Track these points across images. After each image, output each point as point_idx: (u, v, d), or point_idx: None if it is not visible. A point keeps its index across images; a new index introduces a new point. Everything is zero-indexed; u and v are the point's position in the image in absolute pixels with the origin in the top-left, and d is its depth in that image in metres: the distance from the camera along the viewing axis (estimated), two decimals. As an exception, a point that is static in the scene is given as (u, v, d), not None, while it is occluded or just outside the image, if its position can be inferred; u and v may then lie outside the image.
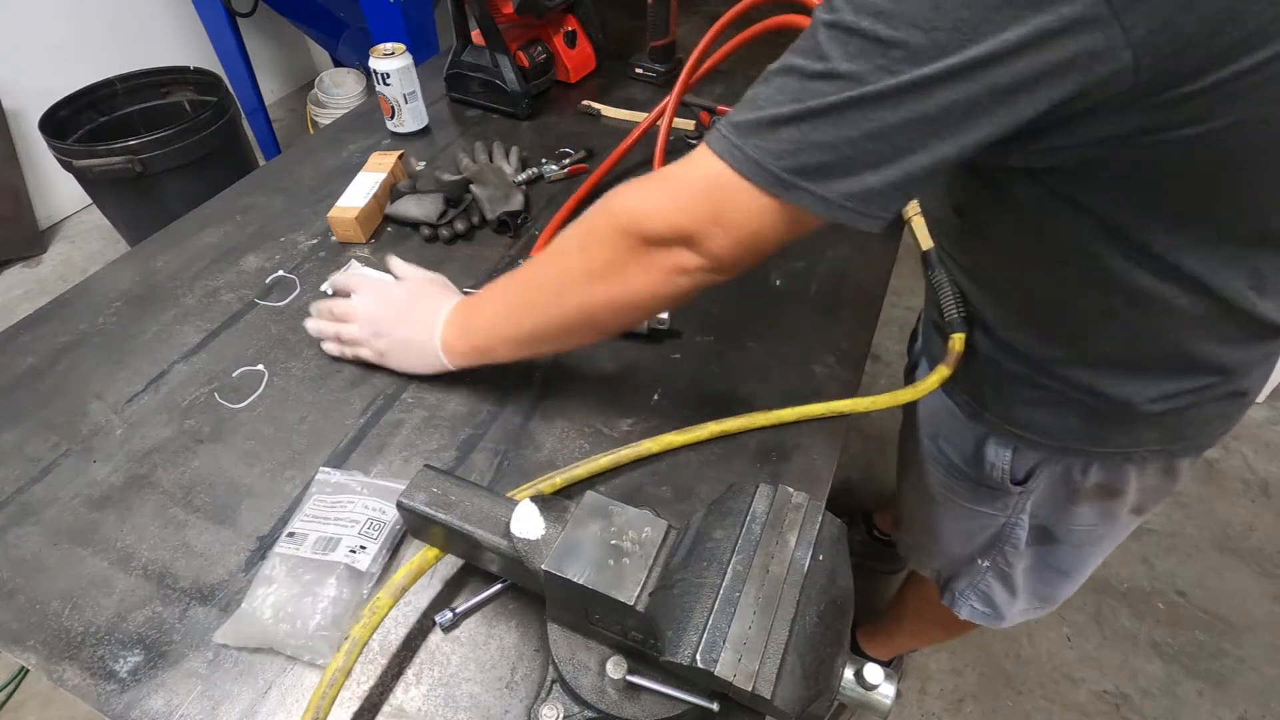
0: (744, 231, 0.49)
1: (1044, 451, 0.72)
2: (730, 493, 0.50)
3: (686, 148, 1.10)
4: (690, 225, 0.50)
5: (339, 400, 0.73)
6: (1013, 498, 0.78)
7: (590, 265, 0.56)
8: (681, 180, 0.51)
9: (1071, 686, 1.44)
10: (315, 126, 2.54)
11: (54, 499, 0.65)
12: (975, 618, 0.98)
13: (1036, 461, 0.73)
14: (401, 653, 0.55)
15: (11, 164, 2.25)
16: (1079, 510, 0.76)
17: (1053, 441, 0.70)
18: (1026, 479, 0.75)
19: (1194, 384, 0.61)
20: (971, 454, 0.78)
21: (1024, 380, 0.67)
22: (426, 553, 0.53)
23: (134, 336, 0.80)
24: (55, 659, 0.54)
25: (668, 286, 0.54)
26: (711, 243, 0.50)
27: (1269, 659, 1.47)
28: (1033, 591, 0.91)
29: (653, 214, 0.52)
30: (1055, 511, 0.78)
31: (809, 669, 0.42)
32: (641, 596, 0.44)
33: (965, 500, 0.84)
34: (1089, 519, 0.77)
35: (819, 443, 0.69)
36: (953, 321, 0.71)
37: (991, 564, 0.89)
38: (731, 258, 0.51)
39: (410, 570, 0.52)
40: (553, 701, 0.50)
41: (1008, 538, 0.84)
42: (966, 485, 0.82)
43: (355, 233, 0.91)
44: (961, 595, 0.97)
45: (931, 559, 0.99)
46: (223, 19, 2.25)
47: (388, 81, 1.07)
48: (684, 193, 0.50)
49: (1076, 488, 0.73)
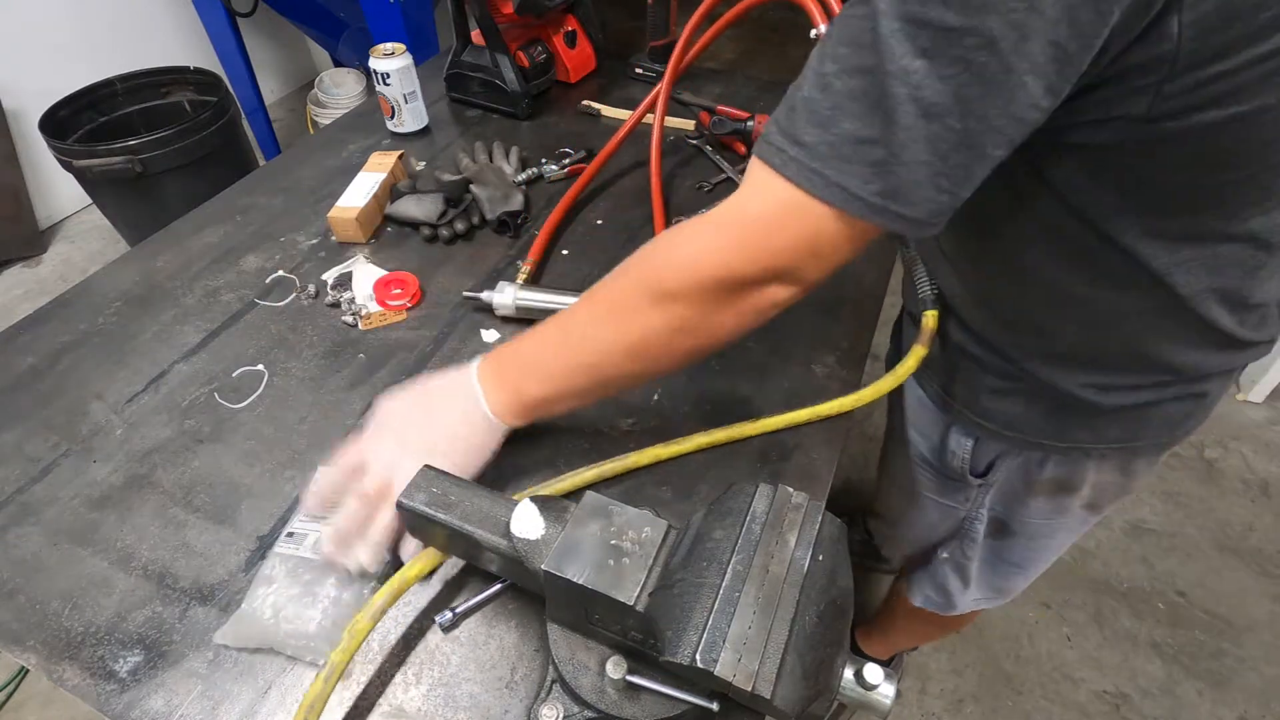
0: (841, 256, 0.48)
1: (1005, 443, 0.73)
2: (730, 493, 0.50)
3: (686, 147, 1.11)
4: (787, 264, 0.48)
5: (339, 400, 0.73)
6: (973, 490, 0.80)
7: (674, 323, 0.52)
8: (761, 219, 0.48)
9: (1071, 686, 1.44)
10: (315, 126, 2.54)
11: (54, 499, 0.65)
12: (928, 605, 1.01)
13: (997, 454, 0.75)
14: (401, 652, 0.55)
15: (11, 164, 2.25)
16: (1034, 503, 0.78)
17: (1014, 434, 0.71)
18: (986, 471, 0.77)
19: (1151, 382, 0.62)
20: (938, 444, 0.80)
21: (992, 370, 0.68)
22: (407, 572, 0.52)
23: (134, 336, 0.80)
24: (55, 659, 0.54)
25: (761, 320, 0.53)
26: (806, 273, 0.49)
27: (1269, 659, 1.47)
28: (986, 583, 0.94)
29: (745, 262, 0.49)
30: (1012, 504, 0.80)
31: (809, 669, 0.42)
32: (641, 596, 0.44)
33: (932, 492, 0.86)
34: (1043, 512, 0.79)
35: (819, 443, 0.69)
36: (925, 299, 0.72)
37: (949, 555, 0.91)
38: (824, 279, 0.50)
39: (390, 590, 0.50)
40: (553, 701, 0.50)
41: (967, 531, 0.86)
42: (933, 476, 0.84)
43: (355, 233, 0.91)
44: (917, 583, 1.00)
45: (898, 548, 1.02)
46: (223, 19, 2.25)
47: (388, 81, 1.07)
48: (771, 233, 0.47)
49: (1033, 481, 0.75)
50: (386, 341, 0.80)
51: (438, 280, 0.87)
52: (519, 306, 0.79)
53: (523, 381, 0.58)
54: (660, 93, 0.96)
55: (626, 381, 0.58)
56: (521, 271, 0.84)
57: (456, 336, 0.80)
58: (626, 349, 0.55)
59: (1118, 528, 1.69)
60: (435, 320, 0.82)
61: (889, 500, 0.97)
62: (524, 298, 0.79)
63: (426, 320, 0.82)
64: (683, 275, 0.51)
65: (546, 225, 0.92)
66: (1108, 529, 1.68)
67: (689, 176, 1.05)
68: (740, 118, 1.05)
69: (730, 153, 1.09)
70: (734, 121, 1.05)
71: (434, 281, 0.87)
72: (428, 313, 0.83)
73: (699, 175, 1.05)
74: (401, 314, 0.83)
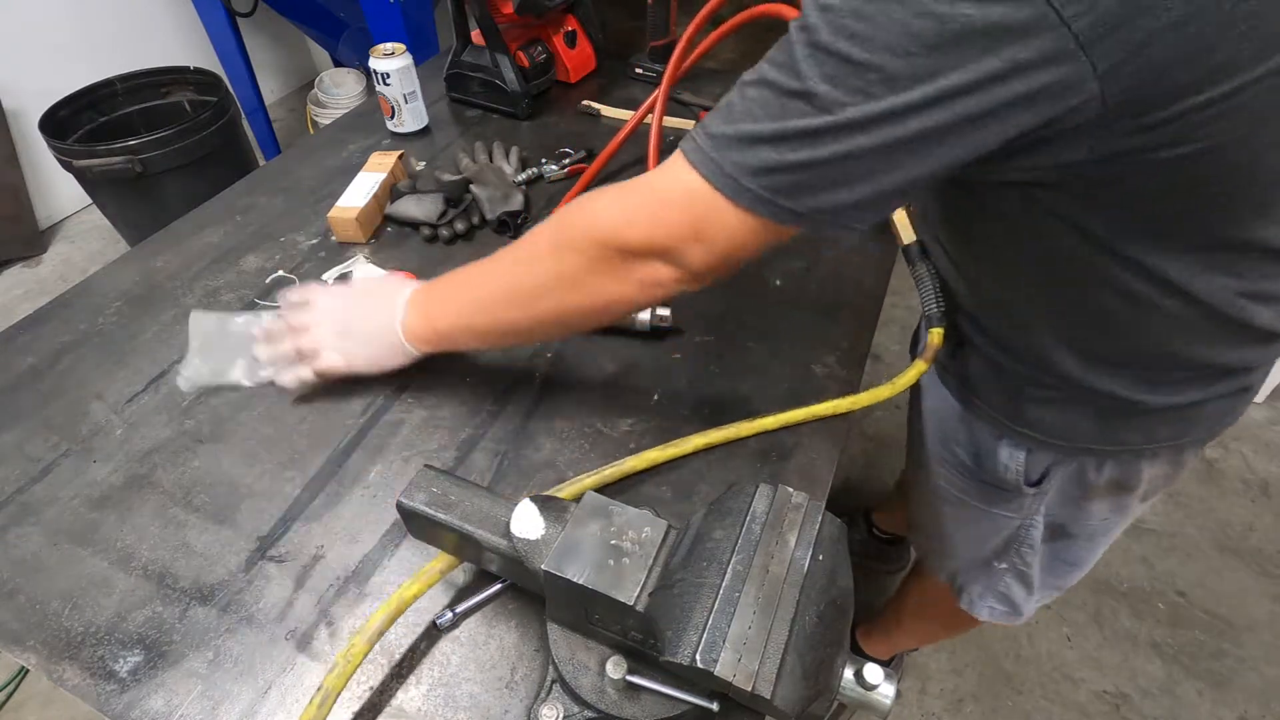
0: (723, 246, 0.50)
1: (1057, 452, 0.72)
2: (730, 493, 0.50)
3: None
4: (669, 241, 0.51)
5: (339, 400, 0.73)
6: (1027, 499, 0.79)
7: (564, 272, 0.56)
8: (659, 194, 0.51)
9: (1071, 686, 1.43)
10: (315, 126, 2.54)
11: (54, 499, 0.65)
12: (996, 618, 0.98)
13: (1050, 462, 0.73)
14: (401, 652, 0.55)
15: (11, 164, 2.25)
16: (1093, 506, 0.77)
17: (1064, 441, 0.70)
18: (1040, 480, 0.76)
19: (1198, 381, 0.61)
20: (983, 456, 0.78)
21: (1028, 380, 0.67)
22: (405, 592, 0.51)
23: (134, 336, 0.80)
24: (55, 659, 0.54)
25: (643, 296, 0.55)
26: (690, 257, 0.51)
27: (1269, 659, 1.47)
28: (1046, 585, 0.92)
29: (630, 228, 0.52)
30: (1069, 509, 0.78)
31: (809, 669, 0.42)
32: (641, 596, 0.44)
33: (977, 502, 0.84)
34: (1102, 513, 0.78)
35: (819, 443, 0.69)
36: (931, 316, 0.72)
37: (1009, 565, 0.89)
38: (708, 270, 0.52)
39: (388, 613, 0.50)
40: (553, 701, 0.50)
41: (1024, 538, 0.84)
42: (977, 487, 0.82)
43: (355, 233, 0.91)
44: (980, 598, 0.96)
45: (945, 562, 0.99)
46: (223, 19, 2.25)
47: (388, 81, 1.07)
48: (662, 208, 0.51)
49: (1090, 485, 0.73)
50: (386, 341, 0.79)
51: (438, 280, 0.87)
52: None
53: (433, 311, 0.65)
54: (659, 96, 0.96)
55: (519, 330, 0.63)
56: None
57: (456, 336, 0.80)
58: (518, 291, 0.60)
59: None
60: (435, 320, 0.82)
61: (927, 515, 0.94)
62: None
63: (426, 320, 0.82)
64: (579, 229, 0.55)
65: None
66: (1108, 529, 1.68)
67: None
68: (740, 118, 1.05)
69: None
70: (734, 121, 1.05)
71: (434, 281, 0.87)
72: (428, 313, 0.83)
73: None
74: (401, 314, 0.83)
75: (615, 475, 0.64)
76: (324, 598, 0.58)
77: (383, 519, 0.63)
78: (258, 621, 0.57)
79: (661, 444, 0.66)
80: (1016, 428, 0.72)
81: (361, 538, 0.62)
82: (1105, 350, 0.61)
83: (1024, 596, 0.93)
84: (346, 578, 0.59)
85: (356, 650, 0.49)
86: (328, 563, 0.60)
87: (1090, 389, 0.64)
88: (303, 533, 0.62)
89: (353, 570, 0.60)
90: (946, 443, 0.83)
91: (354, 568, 0.60)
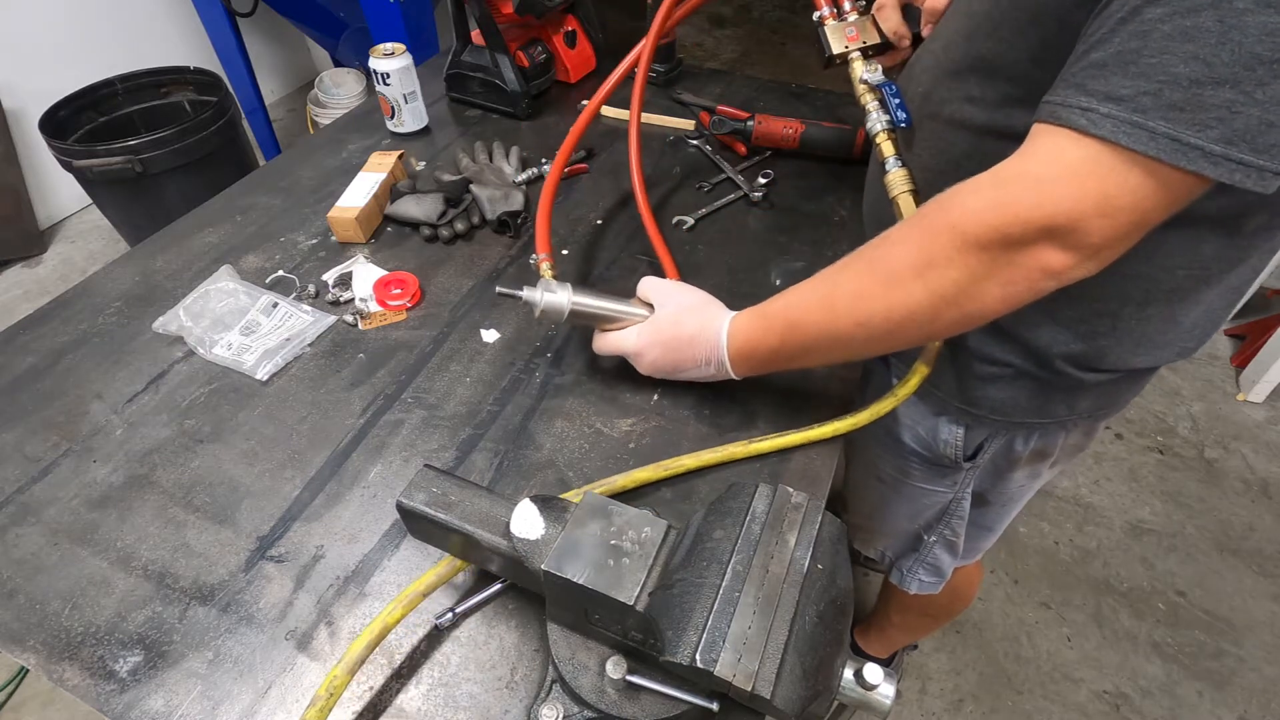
0: (1132, 216, 0.43)
1: (992, 427, 0.74)
2: (730, 493, 0.50)
3: (682, 145, 1.11)
4: (1067, 218, 0.44)
5: (339, 400, 0.73)
6: (962, 473, 0.82)
7: (937, 291, 0.50)
8: (1045, 171, 0.45)
9: (1071, 686, 1.44)
10: (315, 126, 2.54)
11: (54, 499, 0.65)
12: (924, 589, 1.01)
13: (985, 437, 0.76)
14: (401, 653, 0.55)
15: (11, 164, 2.25)
16: (1014, 475, 0.81)
17: (1001, 417, 0.72)
18: (975, 454, 0.78)
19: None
20: (922, 434, 0.80)
21: (979, 356, 0.69)
22: (388, 617, 0.51)
23: (134, 336, 0.80)
24: (55, 659, 0.54)
25: (1029, 294, 0.48)
26: (1090, 235, 0.44)
27: (1269, 659, 1.47)
28: (968, 550, 0.97)
29: (1016, 212, 0.45)
30: (994, 479, 0.83)
31: (809, 669, 0.42)
32: (641, 596, 0.44)
33: (918, 481, 0.86)
34: (1020, 480, 0.82)
35: (819, 443, 0.69)
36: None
37: (939, 537, 0.93)
38: (1109, 248, 0.45)
39: (367, 642, 0.49)
40: (553, 701, 0.50)
41: (954, 510, 0.88)
42: (920, 466, 0.84)
43: (355, 233, 0.91)
44: (910, 572, 1.00)
45: (877, 540, 1.02)
46: (223, 19, 2.25)
47: (388, 81, 1.07)
48: (1054, 184, 0.44)
49: (1015, 457, 0.77)
50: (386, 341, 0.80)
51: (438, 280, 0.87)
52: (575, 312, 0.70)
53: (761, 355, 0.64)
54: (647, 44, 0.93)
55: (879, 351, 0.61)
56: (545, 268, 0.78)
57: (456, 336, 0.80)
58: (874, 325, 0.54)
59: (1118, 528, 1.69)
60: (435, 320, 0.82)
61: (868, 496, 0.97)
62: (581, 303, 0.70)
63: (426, 320, 0.82)
64: (944, 236, 0.49)
65: (540, 219, 0.84)
66: (1108, 529, 1.68)
67: (689, 176, 1.05)
68: (740, 118, 1.05)
69: (730, 153, 1.09)
70: (734, 121, 1.05)
71: (434, 281, 0.87)
72: (428, 313, 0.83)
73: (699, 175, 1.05)
74: (401, 314, 0.83)
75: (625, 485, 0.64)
76: (324, 598, 0.58)
77: (383, 519, 0.63)
78: (257, 621, 0.57)
79: (661, 445, 0.66)
80: (959, 405, 0.74)
81: (361, 538, 0.62)
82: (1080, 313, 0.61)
83: (949, 563, 0.97)
84: (346, 578, 0.59)
85: (339, 683, 0.48)
86: (328, 563, 0.60)
87: (1034, 354, 0.65)
88: (302, 533, 0.62)
89: (353, 570, 0.60)
90: (884, 422, 0.83)
91: (354, 568, 0.60)
